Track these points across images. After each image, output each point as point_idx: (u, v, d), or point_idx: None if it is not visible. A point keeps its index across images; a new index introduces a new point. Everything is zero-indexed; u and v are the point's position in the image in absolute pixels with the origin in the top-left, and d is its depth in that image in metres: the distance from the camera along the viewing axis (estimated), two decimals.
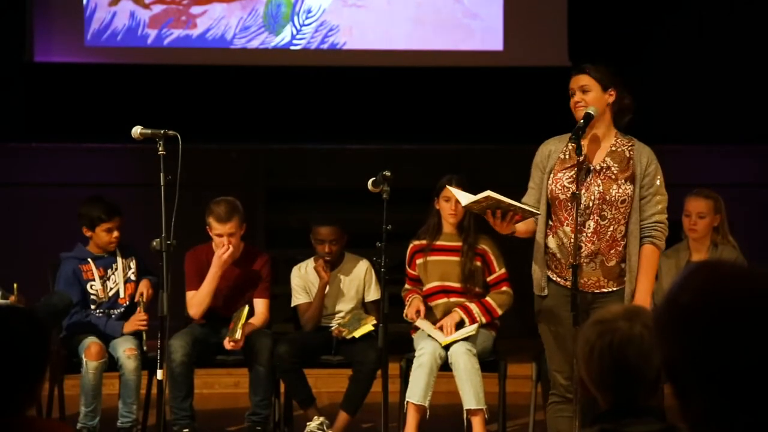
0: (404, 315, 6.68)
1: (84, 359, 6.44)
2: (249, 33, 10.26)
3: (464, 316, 6.51)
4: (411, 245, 6.74)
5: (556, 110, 6.62)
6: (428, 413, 6.39)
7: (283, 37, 10.28)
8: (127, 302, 6.73)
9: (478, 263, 6.62)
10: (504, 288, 6.65)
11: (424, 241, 6.69)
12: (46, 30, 10.15)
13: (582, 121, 5.75)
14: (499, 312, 6.62)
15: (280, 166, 6.70)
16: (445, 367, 6.49)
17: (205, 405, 7.15)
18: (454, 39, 10.31)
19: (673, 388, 1.80)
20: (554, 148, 5.64)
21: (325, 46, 10.28)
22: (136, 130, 5.98)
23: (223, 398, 7.49)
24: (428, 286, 6.68)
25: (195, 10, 10.24)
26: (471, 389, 6.37)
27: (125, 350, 6.48)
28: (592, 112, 5.82)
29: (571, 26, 10.19)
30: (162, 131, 5.86)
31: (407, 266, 6.76)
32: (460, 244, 6.61)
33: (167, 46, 10.23)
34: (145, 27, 10.22)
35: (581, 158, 5.62)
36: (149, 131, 5.91)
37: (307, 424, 6.60)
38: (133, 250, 6.83)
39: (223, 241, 6.57)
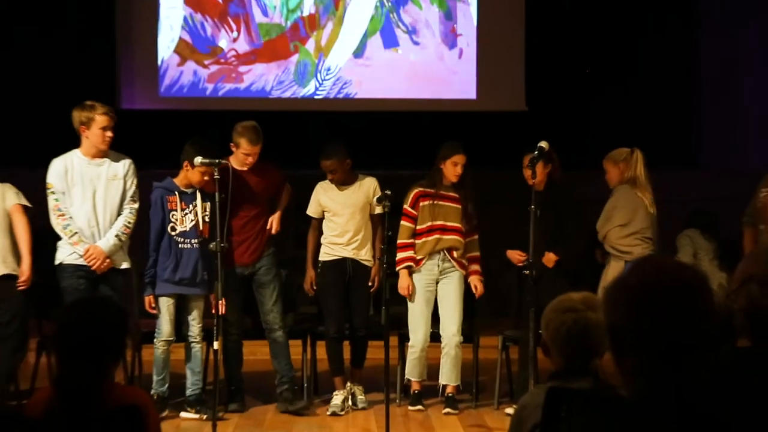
0: (396, 267, 6.45)
1: (156, 337, 6.24)
2: (283, 86, 10.26)
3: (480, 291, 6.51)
4: (416, 190, 6.51)
5: (516, 145, 6.63)
6: (424, 381, 6.52)
7: (309, 89, 10.27)
8: (203, 236, 6.19)
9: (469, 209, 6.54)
10: (476, 236, 6.56)
11: (431, 190, 6.50)
12: (130, 84, 10.16)
13: (536, 152, 5.82)
14: (480, 255, 6.58)
15: (305, 188, 6.68)
16: (434, 337, 6.52)
17: (254, 368, 6.99)
18: (439, 90, 10.30)
19: (614, 349, 1.81)
20: None
21: (341, 96, 10.28)
22: (198, 159, 5.96)
23: (266, 363, 7.26)
24: (434, 223, 6.47)
25: (242, 68, 10.24)
26: (453, 372, 6.45)
27: (195, 335, 6.24)
28: (543, 146, 5.87)
29: (528, 81, 10.21)
30: (217, 161, 5.85)
31: (409, 207, 6.50)
32: (458, 195, 6.49)
33: (221, 96, 10.24)
34: (204, 82, 10.21)
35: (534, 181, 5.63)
36: (207, 161, 5.90)
37: (334, 395, 6.49)
38: (211, 196, 6.11)
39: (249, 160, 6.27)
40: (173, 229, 6.22)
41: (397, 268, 6.47)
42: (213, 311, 6.12)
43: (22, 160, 8.74)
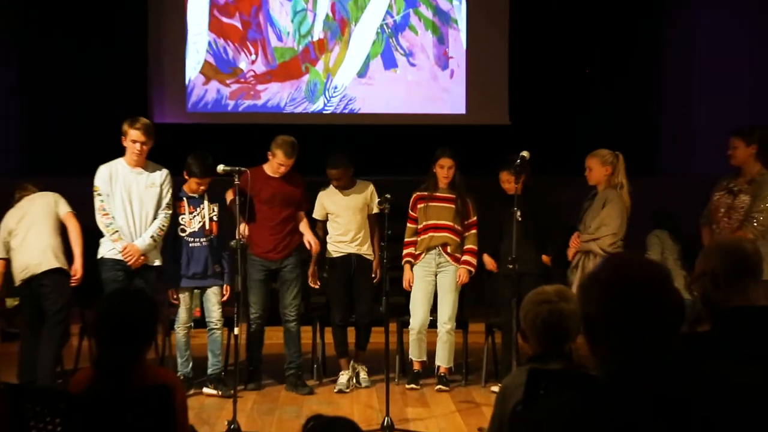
0: (403, 261, 6.52)
1: (175, 324, 6.26)
2: (295, 102, 10.26)
3: (471, 269, 6.46)
4: (414, 195, 6.55)
5: (501, 155, 6.62)
6: (426, 362, 6.52)
7: (318, 105, 10.27)
8: (211, 234, 6.23)
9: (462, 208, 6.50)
10: (474, 231, 6.49)
11: (425, 193, 6.50)
12: (161, 101, 10.17)
13: (519, 161, 5.79)
14: (476, 248, 6.51)
15: (316, 193, 6.68)
16: (433, 324, 6.51)
17: (271, 351, 6.98)
18: (433, 105, 10.31)
19: (588, 336, 1.81)
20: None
21: (346, 111, 10.28)
22: (220, 167, 5.94)
23: (282, 347, 7.23)
24: (428, 222, 6.48)
25: (259, 87, 10.25)
26: (446, 355, 6.45)
27: (214, 320, 6.26)
28: (525, 155, 5.83)
29: (511, 98, 10.22)
30: (237, 168, 5.83)
31: (410, 210, 6.55)
32: (453, 195, 6.47)
33: (241, 112, 10.24)
34: (226, 98, 10.22)
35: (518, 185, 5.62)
36: (229, 168, 5.88)
37: (340, 374, 6.49)
38: (219, 197, 6.26)
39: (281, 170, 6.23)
40: (183, 230, 6.25)
41: (402, 263, 6.54)
42: (222, 300, 6.25)
43: (71, 168, 8.75)
